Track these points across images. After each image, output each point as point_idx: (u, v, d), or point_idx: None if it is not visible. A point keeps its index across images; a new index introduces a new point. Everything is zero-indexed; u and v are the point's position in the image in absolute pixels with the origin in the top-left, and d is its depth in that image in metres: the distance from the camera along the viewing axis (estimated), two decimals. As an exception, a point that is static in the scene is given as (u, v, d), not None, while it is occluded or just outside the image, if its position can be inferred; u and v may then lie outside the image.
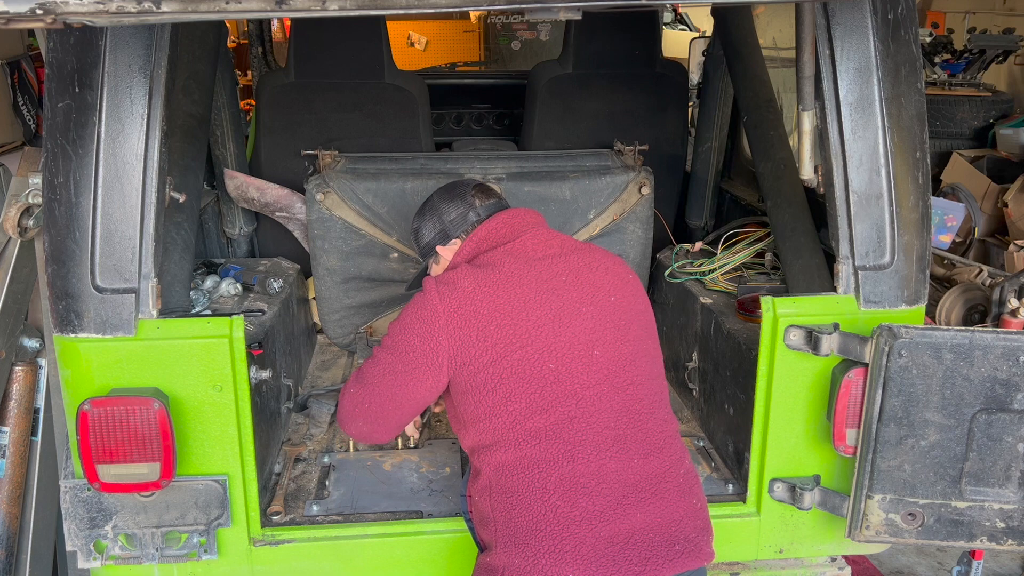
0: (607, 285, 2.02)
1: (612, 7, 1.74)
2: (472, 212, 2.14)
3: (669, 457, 1.92)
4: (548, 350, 1.89)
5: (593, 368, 1.91)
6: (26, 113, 3.61)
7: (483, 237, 2.07)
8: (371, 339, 3.20)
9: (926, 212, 2.17)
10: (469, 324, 1.90)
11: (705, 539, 1.90)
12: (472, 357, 1.89)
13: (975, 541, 2.09)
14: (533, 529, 1.79)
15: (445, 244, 2.16)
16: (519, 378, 1.87)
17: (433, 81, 4.04)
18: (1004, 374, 1.97)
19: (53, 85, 1.94)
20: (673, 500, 1.87)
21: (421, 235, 2.23)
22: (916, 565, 3.80)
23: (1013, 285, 2.90)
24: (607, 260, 2.08)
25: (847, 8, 2.05)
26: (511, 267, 1.98)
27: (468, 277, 1.96)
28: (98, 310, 1.99)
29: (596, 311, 1.97)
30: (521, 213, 2.12)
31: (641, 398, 1.95)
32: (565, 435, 1.84)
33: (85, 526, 2.10)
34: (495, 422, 1.88)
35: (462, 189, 2.19)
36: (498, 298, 1.92)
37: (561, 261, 2.02)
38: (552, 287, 1.96)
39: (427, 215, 2.21)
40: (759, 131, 2.73)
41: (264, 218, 3.44)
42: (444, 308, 1.92)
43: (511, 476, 1.84)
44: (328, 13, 1.41)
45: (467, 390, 1.91)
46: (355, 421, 2.09)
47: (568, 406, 1.86)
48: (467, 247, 2.09)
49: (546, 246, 2.05)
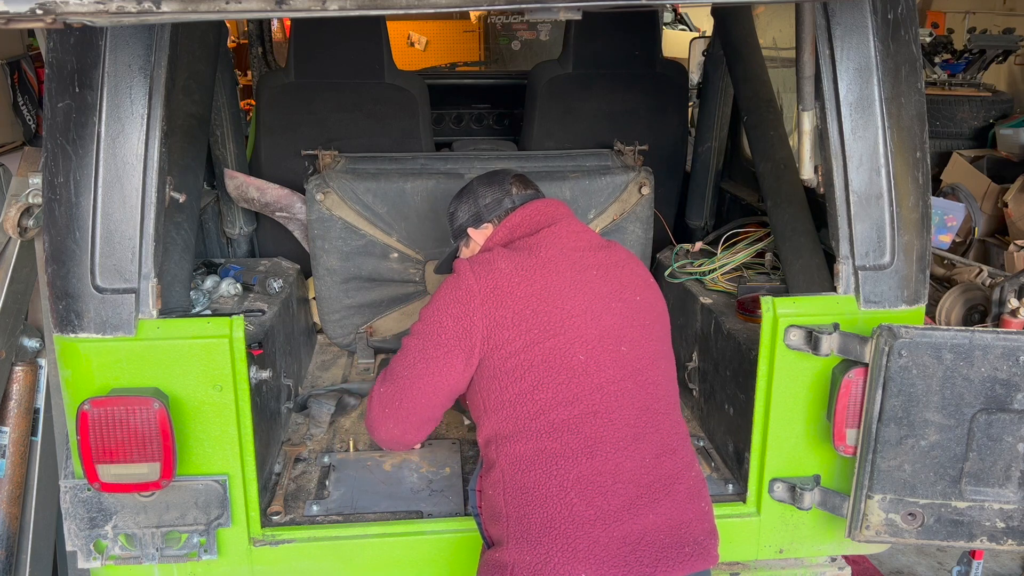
0: (633, 284, 2.03)
1: (612, 7, 1.74)
2: (508, 199, 2.15)
3: (682, 459, 1.93)
4: (580, 341, 1.89)
5: (620, 363, 1.91)
6: (26, 113, 3.61)
7: (517, 223, 2.08)
8: (371, 339, 3.20)
9: (926, 212, 2.17)
10: (505, 305, 1.89)
11: (712, 543, 1.90)
12: (505, 340, 1.88)
13: (975, 541, 2.09)
14: (547, 527, 1.78)
15: (478, 227, 2.17)
16: (548, 367, 1.86)
17: (433, 81, 4.04)
18: (1004, 374, 1.97)
19: (53, 85, 1.94)
20: (684, 502, 1.87)
21: (456, 217, 2.24)
22: (916, 565, 3.80)
23: (1013, 285, 2.90)
24: (632, 260, 2.10)
25: (847, 8, 2.05)
26: (547, 253, 1.98)
27: (505, 259, 1.95)
28: (98, 310, 1.99)
29: (624, 308, 1.98)
30: (554, 203, 2.13)
31: (660, 397, 1.95)
32: (586, 430, 1.84)
33: (85, 526, 2.10)
34: (518, 410, 1.86)
35: (501, 176, 2.21)
36: (534, 283, 1.91)
37: (592, 255, 2.02)
38: (586, 279, 1.96)
39: (464, 198, 2.22)
40: (759, 131, 2.73)
41: (264, 218, 3.44)
42: (480, 287, 1.90)
43: (528, 471, 1.83)
44: (328, 13, 1.41)
45: (495, 375, 1.89)
46: (385, 424, 2.05)
47: (593, 400, 1.86)
48: (500, 232, 2.09)
49: (578, 237, 2.05)
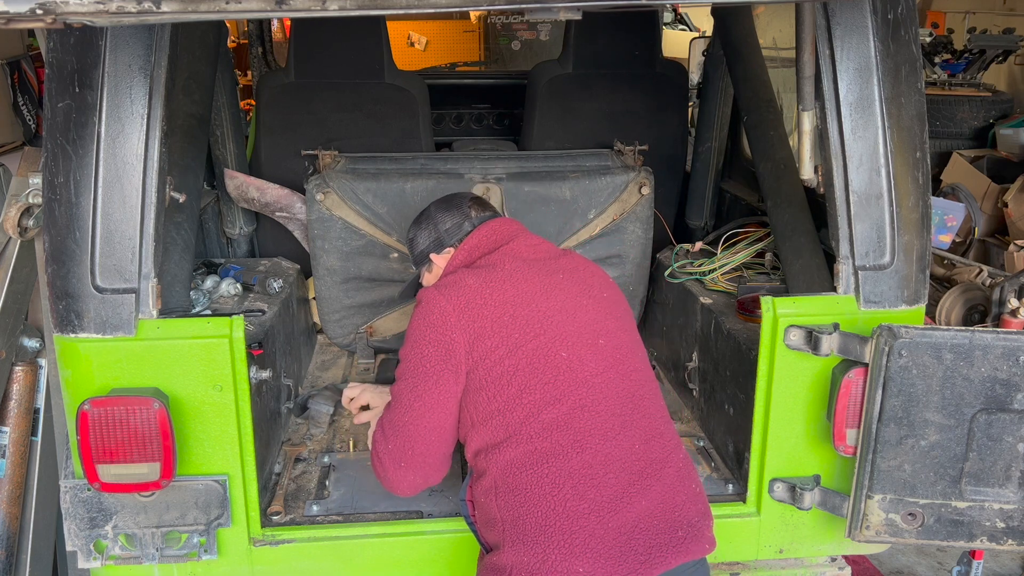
0: (597, 283, 2.11)
1: (612, 7, 1.74)
2: (467, 222, 2.19)
3: (669, 442, 1.96)
4: (560, 339, 1.94)
5: (600, 356, 1.96)
6: (26, 113, 3.61)
7: (475, 244, 2.13)
8: (371, 339, 3.20)
9: (926, 212, 2.17)
10: (481, 316, 1.92)
11: (706, 524, 1.92)
12: (488, 350, 1.91)
13: (975, 541, 2.09)
14: (543, 525, 1.79)
15: (439, 252, 2.21)
16: (533, 368, 1.90)
17: (433, 81, 4.04)
18: (1004, 374, 1.97)
19: (53, 85, 1.94)
20: (674, 484, 1.90)
21: (416, 243, 2.28)
22: (916, 565, 3.80)
23: (1013, 285, 2.90)
24: (591, 264, 2.19)
25: (847, 8, 2.05)
26: (511, 266, 2.03)
27: (471, 276, 2.00)
28: (98, 310, 1.99)
29: (595, 304, 2.04)
30: (508, 221, 2.20)
31: (642, 383, 2.00)
32: (576, 424, 1.86)
33: (85, 526, 2.10)
34: (508, 417, 1.88)
35: (459, 200, 2.26)
36: (505, 292, 1.96)
37: (553, 262, 2.10)
38: (554, 282, 2.02)
39: (423, 224, 2.26)
40: (759, 131, 2.73)
41: (264, 218, 3.44)
42: (452, 306, 1.94)
43: (519, 473, 1.84)
44: (328, 13, 1.41)
45: (482, 386, 1.91)
46: (406, 477, 2.03)
47: (580, 394, 1.89)
48: (460, 254, 2.14)
49: (536, 249, 2.12)
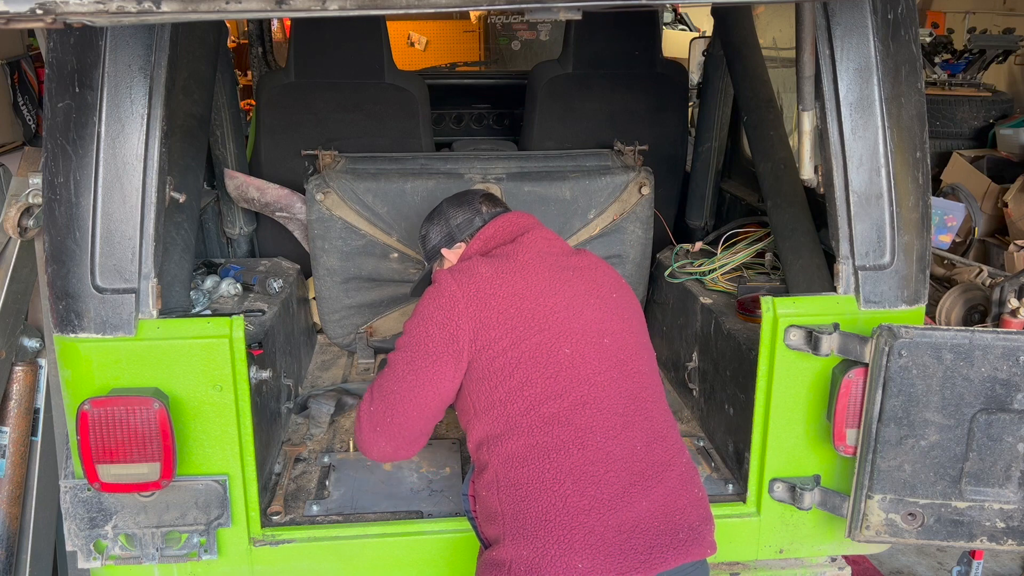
0: (608, 284, 2.11)
1: (612, 7, 1.74)
2: (478, 218, 2.22)
3: (672, 445, 1.96)
4: (564, 335, 1.94)
5: (604, 355, 1.96)
6: (26, 113, 3.61)
7: (491, 234, 2.16)
8: (371, 339, 3.20)
9: (926, 212, 2.17)
10: (489, 306, 1.94)
11: (708, 528, 1.91)
12: (491, 340, 1.92)
13: (975, 541, 2.09)
14: (543, 520, 1.79)
15: (451, 247, 2.23)
16: (535, 362, 1.90)
17: (433, 81, 4.04)
18: (1004, 374, 1.97)
19: (53, 85, 1.94)
20: (676, 489, 1.89)
21: (428, 239, 2.30)
22: (916, 565, 3.80)
23: (1013, 285, 2.90)
24: (603, 264, 2.19)
25: (847, 8, 2.05)
26: (525, 257, 2.05)
27: (484, 264, 2.02)
28: (98, 310, 1.99)
29: (602, 304, 2.04)
30: (524, 215, 2.22)
31: (646, 386, 2.00)
32: (577, 420, 1.87)
33: (85, 526, 2.10)
34: (509, 408, 1.89)
35: (470, 196, 2.29)
36: (515, 284, 1.98)
37: (566, 259, 2.10)
38: (564, 278, 2.03)
39: (435, 220, 2.29)
40: (759, 131, 2.73)
41: (264, 218, 3.44)
42: (463, 292, 1.95)
43: (520, 467, 1.85)
44: (328, 13, 1.41)
45: (483, 376, 1.93)
46: (377, 442, 2.06)
47: (581, 391, 1.89)
48: (475, 244, 2.17)
49: (551, 243, 2.14)
